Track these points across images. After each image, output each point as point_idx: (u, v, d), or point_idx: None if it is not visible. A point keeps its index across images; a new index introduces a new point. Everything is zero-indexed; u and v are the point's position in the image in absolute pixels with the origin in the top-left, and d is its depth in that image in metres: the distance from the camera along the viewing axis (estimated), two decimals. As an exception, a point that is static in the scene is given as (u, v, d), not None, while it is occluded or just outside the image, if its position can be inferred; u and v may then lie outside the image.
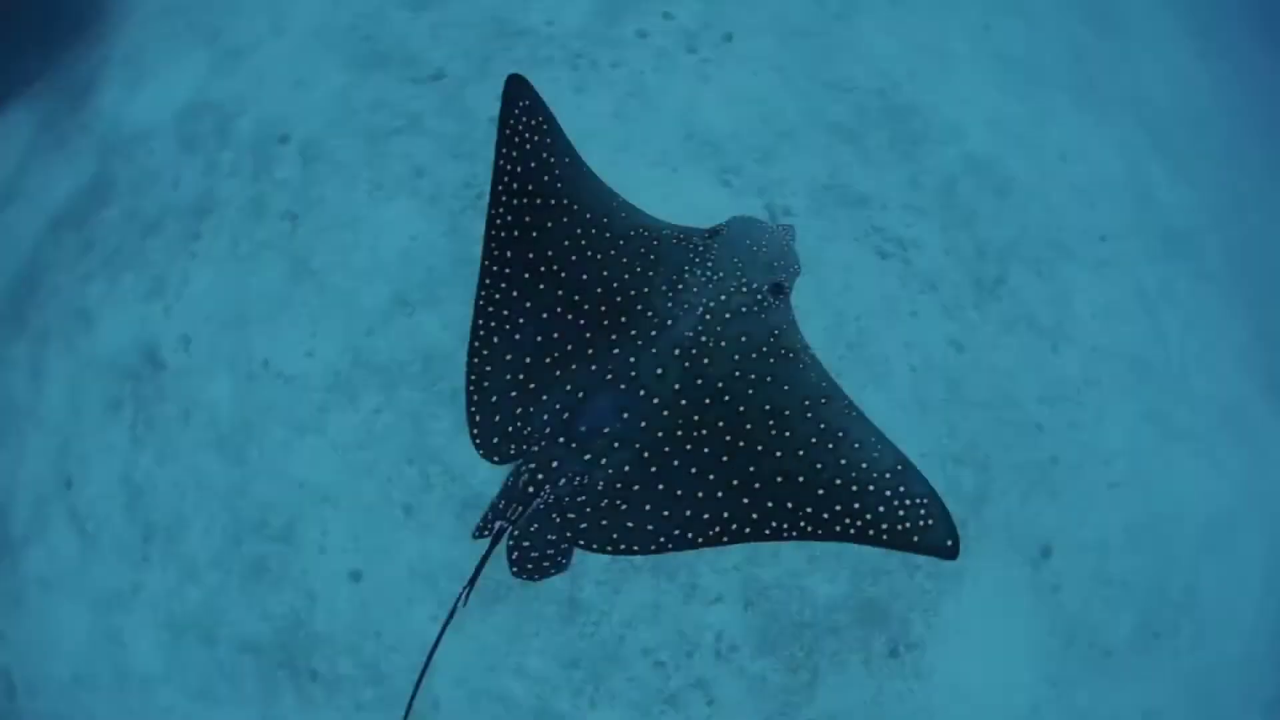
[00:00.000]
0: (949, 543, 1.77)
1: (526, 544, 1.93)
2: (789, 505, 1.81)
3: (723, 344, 1.99)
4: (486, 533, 1.94)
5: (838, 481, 1.81)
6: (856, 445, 1.87)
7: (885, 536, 1.82)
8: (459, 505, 3.11)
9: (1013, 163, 4.44)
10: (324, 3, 4.14)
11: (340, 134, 3.69)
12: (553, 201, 2.13)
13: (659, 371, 1.92)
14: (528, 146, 2.17)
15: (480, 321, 2.06)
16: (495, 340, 2.05)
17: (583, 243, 2.09)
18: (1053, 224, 4.35)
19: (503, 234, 2.14)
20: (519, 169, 2.17)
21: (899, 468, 1.84)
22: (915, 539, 1.79)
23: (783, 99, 4.09)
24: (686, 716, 3.01)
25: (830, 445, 1.86)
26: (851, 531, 1.81)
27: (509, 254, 2.11)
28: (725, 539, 1.85)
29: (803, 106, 4.10)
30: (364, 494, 3.16)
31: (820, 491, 1.81)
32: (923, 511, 1.80)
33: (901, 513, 1.79)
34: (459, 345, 3.27)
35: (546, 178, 2.14)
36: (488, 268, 2.11)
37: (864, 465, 1.84)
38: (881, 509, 1.79)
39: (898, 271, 3.73)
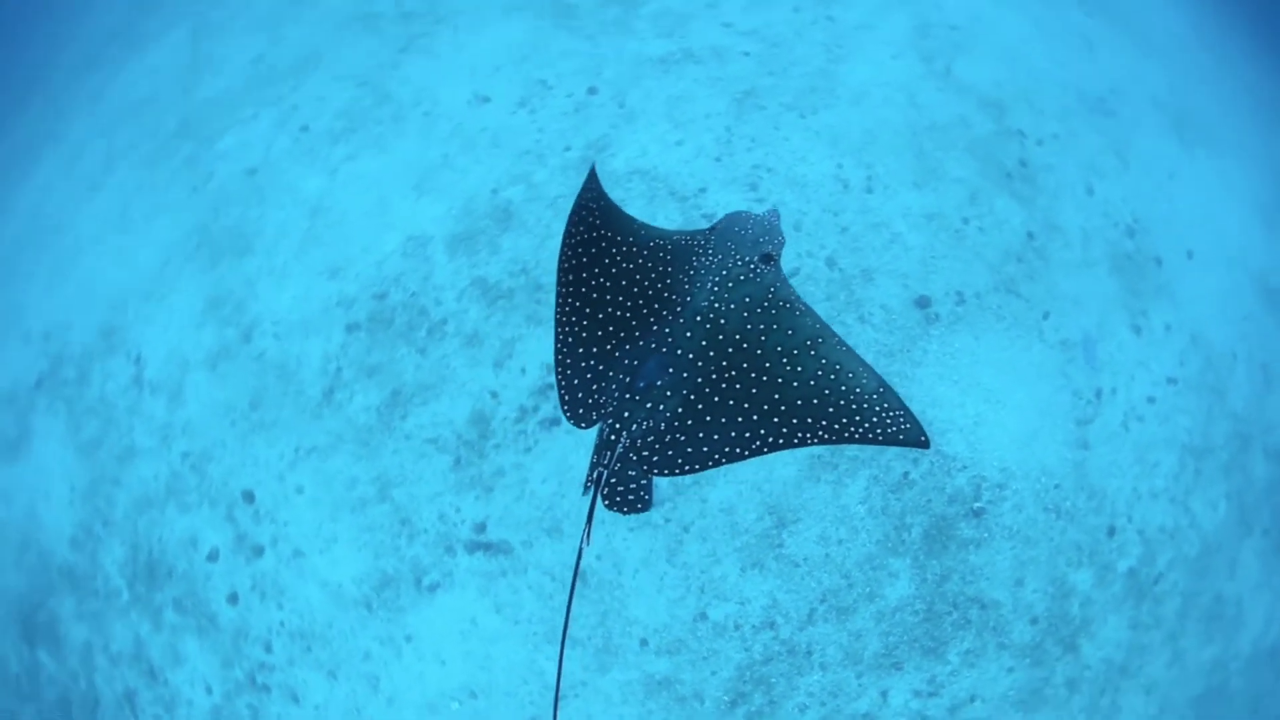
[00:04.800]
0: (921, 438, 2.41)
1: (613, 480, 2.51)
2: (809, 420, 2.43)
3: (732, 306, 2.57)
4: (591, 483, 2.50)
5: (841, 403, 2.43)
6: (850, 375, 2.47)
7: (880, 437, 2.42)
8: None
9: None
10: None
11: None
12: (596, 233, 2.78)
13: (689, 334, 2.54)
14: (593, 218, 2.84)
15: (560, 332, 2.66)
16: (570, 340, 2.64)
17: (619, 258, 2.72)
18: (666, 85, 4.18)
19: (571, 267, 2.74)
20: (582, 229, 2.79)
21: (881, 390, 2.46)
22: (900, 438, 2.41)
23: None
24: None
25: (832, 376, 2.47)
26: (855, 436, 2.42)
27: (580, 276, 2.72)
28: (764, 449, 2.43)
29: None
30: None
31: (830, 409, 2.43)
32: (902, 419, 2.41)
33: (888, 420, 2.41)
34: None
35: (598, 223, 2.83)
36: (562, 292, 2.71)
37: (857, 390, 2.45)
38: (874, 419, 2.41)
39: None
